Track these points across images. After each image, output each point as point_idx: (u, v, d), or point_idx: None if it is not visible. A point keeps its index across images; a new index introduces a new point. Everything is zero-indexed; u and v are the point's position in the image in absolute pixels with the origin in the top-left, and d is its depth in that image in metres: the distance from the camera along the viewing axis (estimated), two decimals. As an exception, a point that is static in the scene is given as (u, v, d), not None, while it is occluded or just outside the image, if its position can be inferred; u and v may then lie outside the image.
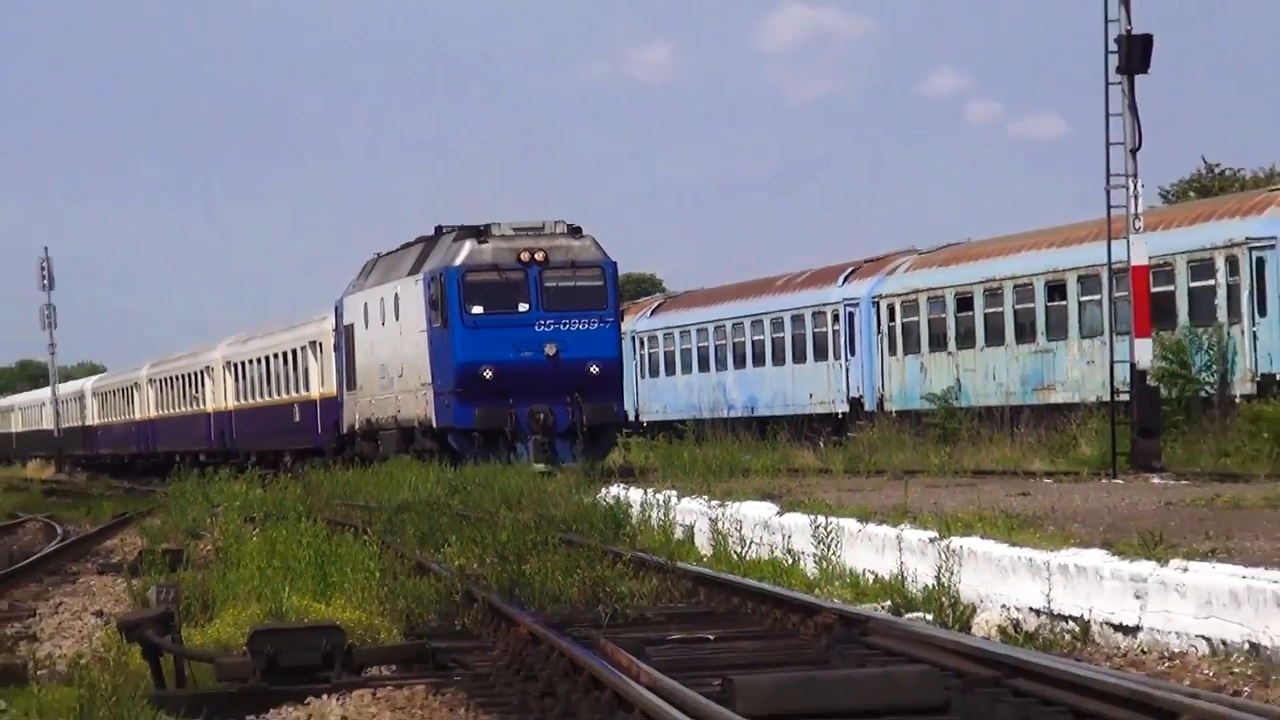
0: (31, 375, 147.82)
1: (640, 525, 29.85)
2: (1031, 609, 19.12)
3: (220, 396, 79.19)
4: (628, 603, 21.44)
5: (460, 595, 21.85)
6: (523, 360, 48.01)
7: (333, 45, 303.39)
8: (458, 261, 49.13)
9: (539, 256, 48.92)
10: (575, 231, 50.42)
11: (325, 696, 16.46)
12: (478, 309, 48.57)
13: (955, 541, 21.36)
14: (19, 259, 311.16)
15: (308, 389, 65.17)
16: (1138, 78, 36.66)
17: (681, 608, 21.62)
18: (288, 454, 64.57)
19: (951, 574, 20.50)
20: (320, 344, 63.58)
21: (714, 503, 30.86)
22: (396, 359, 53.59)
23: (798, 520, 26.75)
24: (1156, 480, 32.88)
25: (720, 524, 28.90)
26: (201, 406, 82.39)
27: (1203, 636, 16.49)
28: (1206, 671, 15.78)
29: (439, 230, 53.62)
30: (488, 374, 47.89)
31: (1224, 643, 16.19)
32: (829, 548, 24.49)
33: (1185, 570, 17.20)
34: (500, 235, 49.80)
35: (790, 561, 25.29)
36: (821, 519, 25.57)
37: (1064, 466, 38.75)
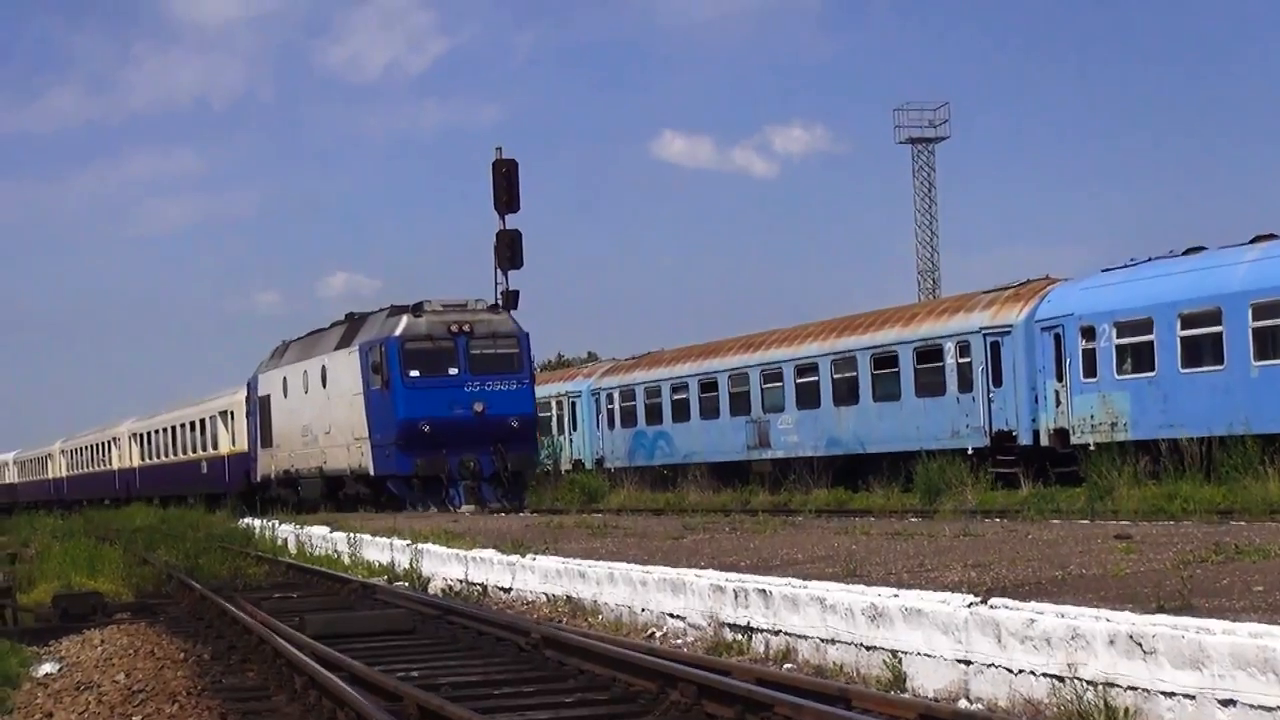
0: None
1: (259, 539, 29.30)
2: (459, 579, 19.29)
3: (126, 458, 60.08)
4: (252, 578, 21.21)
5: (165, 575, 21.35)
6: (455, 416, 33.84)
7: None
8: (397, 333, 34.24)
9: (465, 328, 34.34)
10: (494, 308, 35.79)
11: (92, 629, 15.98)
12: (415, 372, 34.01)
13: (420, 545, 21.50)
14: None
15: (216, 448, 48.25)
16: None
17: (280, 580, 21.37)
18: (192, 497, 47.84)
19: (418, 562, 20.65)
20: (232, 412, 46.76)
21: (297, 527, 30.44)
22: (324, 419, 37.75)
23: (340, 534, 26.54)
24: (523, 514, 33.11)
25: (300, 537, 28.58)
26: (109, 466, 62.72)
27: (544, 593, 16.85)
28: (545, 610, 16.18)
29: (351, 315, 38.32)
30: (426, 428, 33.77)
31: (552, 595, 16.57)
32: (356, 549, 24.43)
33: (534, 559, 17.58)
34: (432, 311, 34.67)
35: (337, 556, 25.05)
36: (352, 534, 25.50)
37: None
